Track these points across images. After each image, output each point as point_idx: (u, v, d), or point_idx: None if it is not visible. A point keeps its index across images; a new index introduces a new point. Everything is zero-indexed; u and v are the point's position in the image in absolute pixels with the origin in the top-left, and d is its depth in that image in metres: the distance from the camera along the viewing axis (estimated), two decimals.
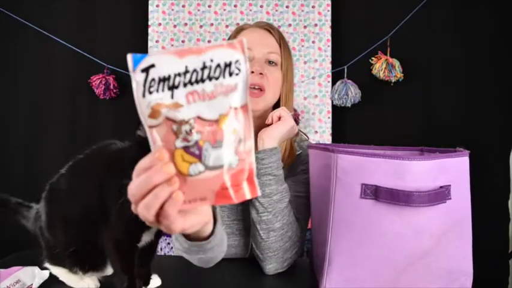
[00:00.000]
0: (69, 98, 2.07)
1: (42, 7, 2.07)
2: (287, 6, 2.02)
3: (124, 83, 2.01)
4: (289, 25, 2.02)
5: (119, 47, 2.05)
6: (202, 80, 0.44)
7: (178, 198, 0.45)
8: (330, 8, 2.01)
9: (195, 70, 0.44)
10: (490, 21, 2.02)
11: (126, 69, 0.43)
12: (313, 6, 2.01)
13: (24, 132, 2.08)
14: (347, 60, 2.01)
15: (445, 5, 2.02)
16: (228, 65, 0.44)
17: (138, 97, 0.44)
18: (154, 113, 0.44)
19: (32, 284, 0.74)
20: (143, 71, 0.44)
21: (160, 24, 2.03)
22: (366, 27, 2.04)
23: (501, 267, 1.97)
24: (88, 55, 2.02)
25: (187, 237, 0.71)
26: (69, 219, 0.69)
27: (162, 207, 0.46)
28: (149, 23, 2.03)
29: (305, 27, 2.01)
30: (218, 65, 0.44)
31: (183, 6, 2.04)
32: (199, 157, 0.44)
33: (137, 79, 0.44)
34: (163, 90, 0.44)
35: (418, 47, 2.02)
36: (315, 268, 0.87)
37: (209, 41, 2.02)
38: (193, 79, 0.44)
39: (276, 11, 2.02)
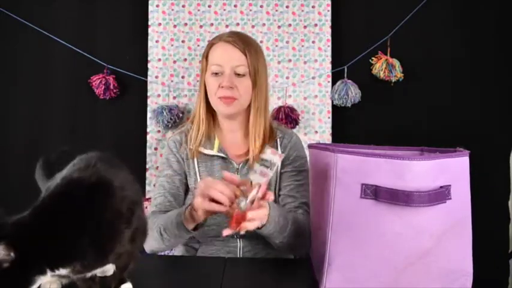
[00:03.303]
0: (69, 98, 2.07)
1: (42, 7, 2.07)
2: (287, 6, 2.02)
3: (124, 83, 2.00)
4: (289, 25, 2.01)
5: (119, 47, 2.04)
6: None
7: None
8: (330, 8, 2.00)
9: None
10: (491, 21, 2.01)
11: (126, 69, 0.44)
12: (313, 6, 2.01)
13: (24, 132, 2.07)
14: (347, 60, 2.00)
15: (445, 5, 2.01)
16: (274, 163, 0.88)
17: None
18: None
19: None
20: None
21: (160, 24, 2.02)
22: (366, 27, 2.04)
23: (501, 267, 1.97)
24: (88, 55, 2.02)
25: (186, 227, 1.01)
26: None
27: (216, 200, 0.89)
28: (149, 23, 2.02)
29: (305, 27, 2.01)
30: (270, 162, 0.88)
31: (183, 6, 2.03)
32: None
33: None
34: None
35: (418, 47, 2.01)
36: (315, 268, 0.87)
37: (209, 41, 2.01)
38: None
39: (276, 11, 2.02)
